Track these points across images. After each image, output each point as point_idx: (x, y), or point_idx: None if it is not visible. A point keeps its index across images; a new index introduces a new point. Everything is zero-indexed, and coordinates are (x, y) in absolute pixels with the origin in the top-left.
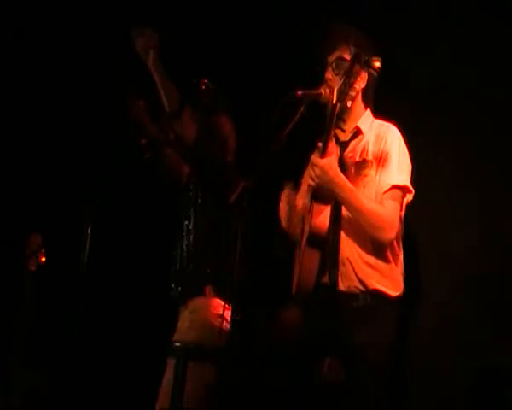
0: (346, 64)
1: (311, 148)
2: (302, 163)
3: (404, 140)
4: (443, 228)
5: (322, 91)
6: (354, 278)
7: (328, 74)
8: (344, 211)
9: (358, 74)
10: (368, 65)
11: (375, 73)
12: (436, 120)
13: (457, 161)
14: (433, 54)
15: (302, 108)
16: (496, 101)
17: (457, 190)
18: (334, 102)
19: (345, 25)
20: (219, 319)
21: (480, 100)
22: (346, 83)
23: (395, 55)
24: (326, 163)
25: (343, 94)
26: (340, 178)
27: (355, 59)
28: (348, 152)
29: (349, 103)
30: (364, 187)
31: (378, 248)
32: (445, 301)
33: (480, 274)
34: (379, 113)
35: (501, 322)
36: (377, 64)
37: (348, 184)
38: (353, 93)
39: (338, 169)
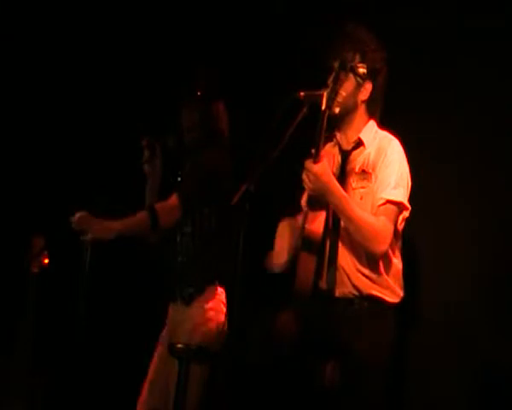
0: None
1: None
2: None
3: (404, 140)
4: (444, 230)
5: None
6: (348, 284)
7: (330, 81)
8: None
9: (344, 81)
10: (353, 71)
11: (360, 80)
12: (436, 119)
13: (457, 161)
14: (433, 54)
15: (304, 109)
16: (496, 101)
17: (458, 190)
18: (323, 108)
19: (353, 28)
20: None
21: (480, 100)
22: (333, 90)
23: (395, 56)
24: (319, 169)
25: (330, 101)
26: (334, 184)
27: (340, 66)
28: (349, 162)
29: (337, 110)
30: (361, 198)
31: (371, 259)
32: (447, 302)
33: (481, 274)
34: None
35: (502, 322)
36: (361, 70)
37: (341, 192)
38: (340, 100)
39: (331, 175)
